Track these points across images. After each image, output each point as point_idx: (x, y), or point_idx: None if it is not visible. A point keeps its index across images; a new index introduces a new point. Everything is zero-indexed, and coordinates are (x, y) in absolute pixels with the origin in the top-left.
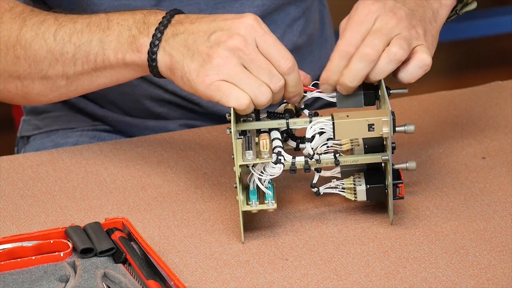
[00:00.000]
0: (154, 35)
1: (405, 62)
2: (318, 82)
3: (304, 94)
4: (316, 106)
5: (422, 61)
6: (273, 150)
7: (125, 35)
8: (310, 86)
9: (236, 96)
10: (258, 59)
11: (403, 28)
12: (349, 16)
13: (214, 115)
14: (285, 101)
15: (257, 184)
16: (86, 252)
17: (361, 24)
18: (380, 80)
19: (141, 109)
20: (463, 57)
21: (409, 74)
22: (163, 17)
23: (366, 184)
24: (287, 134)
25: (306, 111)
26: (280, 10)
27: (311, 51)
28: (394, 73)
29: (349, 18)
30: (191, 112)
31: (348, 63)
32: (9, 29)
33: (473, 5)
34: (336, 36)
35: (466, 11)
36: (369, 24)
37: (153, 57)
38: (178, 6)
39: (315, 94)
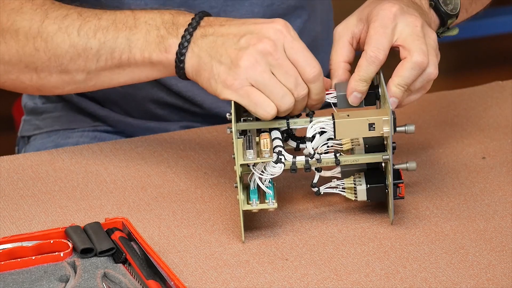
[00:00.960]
0: (183, 36)
1: None
2: None
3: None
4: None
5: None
6: (273, 150)
7: (153, 35)
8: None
9: (264, 105)
10: (286, 65)
11: (428, 33)
12: (371, 21)
13: (216, 117)
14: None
15: (257, 184)
16: (86, 252)
17: (385, 28)
18: (381, 79)
19: (142, 111)
20: (463, 57)
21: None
22: (192, 19)
23: (366, 184)
24: (288, 134)
25: (305, 109)
26: (290, 13)
27: (317, 54)
28: None
29: (372, 22)
30: (193, 114)
31: (397, 70)
32: (30, 20)
33: (455, 31)
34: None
35: (446, 35)
36: (392, 27)
37: (181, 58)
38: (189, 2)
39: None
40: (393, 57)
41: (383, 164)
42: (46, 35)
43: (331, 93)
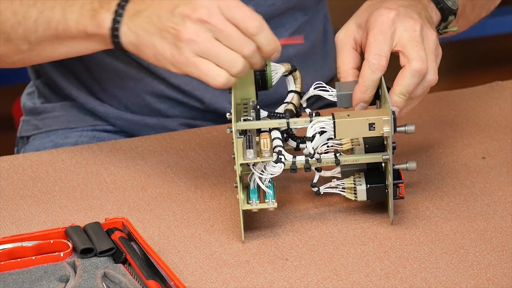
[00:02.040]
0: (115, 11)
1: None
2: (320, 82)
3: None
4: (316, 107)
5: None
6: (273, 149)
7: (87, 8)
8: (313, 89)
9: (214, 73)
10: (226, 28)
11: (427, 35)
12: (369, 27)
13: (215, 112)
14: (286, 101)
15: (257, 183)
16: (86, 252)
17: (385, 34)
18: (381, 79)
19: (142, 105)
20: (463, 57)
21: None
22: None
23: (366, 184)
24: (287, 134)
25: (307, 110)
26: (288, 13)
27: (314, 60)
28: None
29: (371, 29)
30: (192, 109)
31: (397, 79)
32: None
33: (454, 28)
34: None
35: (445, 32)
36: (391, 32)
37: (116, 33)
38: None
39: (317, 92)
40: (394, 57)
41: (383, 164)
42: None
43: (331, 93)
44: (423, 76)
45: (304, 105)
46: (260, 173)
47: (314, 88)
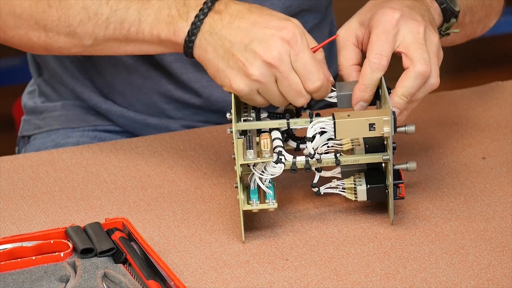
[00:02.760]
0: (193, 23)
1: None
2: None
3: None
4: (317, 107)
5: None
6: (274, 150)
7: (164, 13)
8: None
9: (261, 104)
10: (290, 78)
11: (430, 38)
12: (372, 26)
13: (220, 112)
14: None
15: (258, 184)
16: (86, 252)
17: (387, 34)
18: (381, 79)
19: (147, 103)
20: (463, 58)
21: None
22: (204, 3)
23: (366, 184)
24: (288, 134)
25: (307, 110)
26: (300, 16)
27: None
28: None
29: (374, 28)
30: (197, 110)
31: (400, 81)
32: None
33: (457, 30)
34: None
35: (447, 33)
36: (394, 33)
37: (190, 45)
38: None
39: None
40: (395, 58)
41: (383, 164)
42: None
43: (332, 93)
44: (426, 78)
45: (305, 106)
46: (261, 174)
47: None
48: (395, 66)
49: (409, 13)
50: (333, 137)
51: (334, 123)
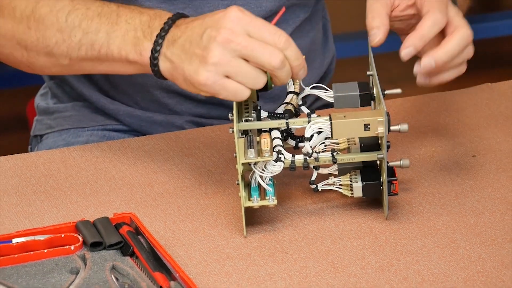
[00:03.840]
0: (155, 41)
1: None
2: (318, 84)
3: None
4: (314, 107)
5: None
6: (273, 149)
7: (131, 35)
8: (310, 88)
9: (240, 92)
10: (251, 44)
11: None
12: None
13: (222, 106)
14: (285, 101)
15: (258, 181)
16: (96, 246)
17: (442, 10)
18: (376, 80)
19: (150, 100)
20: None
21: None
22: (165, 23)
23: (362, 181)
24: (287, 134)
25: (304, 109)
26: (291, 10)
27: (314, 57)
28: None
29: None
30: (199, 104)
31: (446, 40)
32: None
33: None
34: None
35: None
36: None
37: (155, 62)
38: (196, 4)
39: (314, 92)
40: (389, 59)
41: (378, 162)
42: (38, 15)
43: (329, 93)
44: (468, 43)
45: (300, 103)
46: (261, 172)
47: (311, 88)
48: (390, 67)
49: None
50: (330, 136)
51: (331, 123)
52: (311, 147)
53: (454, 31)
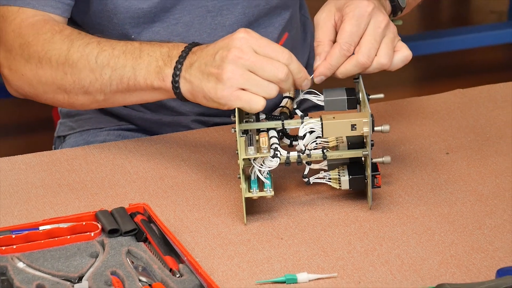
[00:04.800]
0: (175, 67)
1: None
2: (310, 90)
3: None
4: (305, 106)
5: (407, 57)
6: (271, 146)
7: (153, 65)
8: (303, 93)
9: (254, 101)
10: (258, 60)
11: (389, 29)
12: (347, 15)
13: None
14: (281, 105)
15: (257, 175)
16: (113, 232)
17: (359, 25)
18: (361, 86)
19: (158, 104)
20: (429, 69)
21: (395, 66)
22: (182, 51)
23: (349, 175)
24: (282, 133)
25: (298, 112)
26: (276, 13)
27: (296, 53)
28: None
29: (348, 18)
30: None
31: (345, 62)
32: (59, 49)
33: (400, 22)
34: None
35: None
36: (365, 24)
37: (176, 85)
38: (188, 8)
39: (307, 96)
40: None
41: (363, 159)
42: (71, 61)
43: (320, 97)
44: (364, 69)
45: (295, 106)
46: (260, 166)
47: (305, 94)
48: (373, 75)
49: (378, 6)
50: (320, 135)
51: (322, 124)
52: (304, 145)
53: (354, 54)
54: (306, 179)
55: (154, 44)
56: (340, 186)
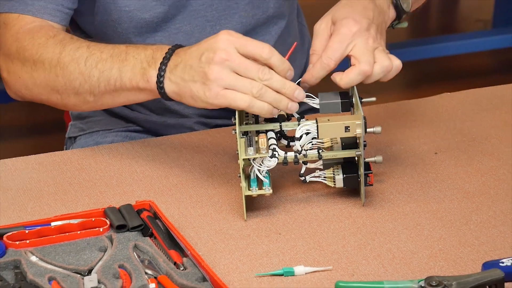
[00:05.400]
0: (159, 68)
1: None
2: (307, 93)
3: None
4: (302, 109)
5: (398, 66)
6: (269, 147)
7: (138, 67)
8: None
9: (239, 98)
10: (242, 62)
11: (377, 42)
12: (334, 32)
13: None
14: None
15: (256, 174)
16: (120, 228)
17: (343, 43)
18: (354, 91)
19: (162, 108)
20: (418, 75)
21: (390, 75)
22: (166, 53)
23: (343, 174)
24: (280, 134)
25: (295, 115)
26: (272, 22)
27: (295, 58)
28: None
29: (334, 35)
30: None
31: (346, 72)
32: (52, 53)
33: (405, 24)
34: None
35: (398, 27)
36: (349, 43)
37: (161, 85)
38: (188, 18)
39: (304, 100)
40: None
41: (356, 158)
42: (63, 64)
43: (315, 101)
44: (366, 76)
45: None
46: (259, 166)
47: None
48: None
49: (366, 27)
50: (316, 136)
51: (317, 126)
52: (300, 145)
53: (355, 65)
54: (302, 178)
55: (139, 47)
56: (334, 184)
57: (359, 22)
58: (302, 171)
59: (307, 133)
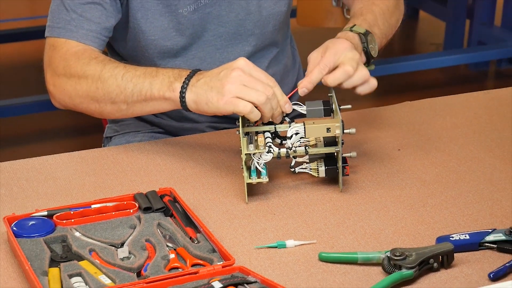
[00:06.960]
0: (183, 81)
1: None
2: (296, 102)
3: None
4: (292, 114)
5: (374, 85)
6: (266, 144)
7: (166, 81)
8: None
9: (243, 105)
10: (253, 79)
11: (361, 61)
12: (328, 49)
13: (231, 117)
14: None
15: (256, 166)
16: (147, 210)
17: (336, 55)
18: (334, 98)
19: (180, 116)
20: (386, 86)
21: (366, 90)
22: (190, 72)
23: (325, 166)
24: (275, 134)
25: (287, 119)
26: (267, 48)
27: (287, 75)
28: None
29: (329, 50)
30: (215, 116)
31: (333, 72)
32: (94, 70)
33: (372, 67)
34: (304, 69)
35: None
36: (341, 55)
37: (183, 95)
38: (202, 46)
39: (294, 107)
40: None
41: (335, 153)
42: (103, 79)
43: (303, 107)
44: (349, 77)
45: (284, 114)
46: (257, 159)
47: (292, 105)
48: (344, 90)
49: (355, 47)
50: (304, 136)
51: (305, 128)
52: (291, 143)
53: (340, 66)
54: (292, 169)
55: (167, 68)
56: (318, 175)
57: (349, 43)
58: (292, 164)
59: (296, 133)
